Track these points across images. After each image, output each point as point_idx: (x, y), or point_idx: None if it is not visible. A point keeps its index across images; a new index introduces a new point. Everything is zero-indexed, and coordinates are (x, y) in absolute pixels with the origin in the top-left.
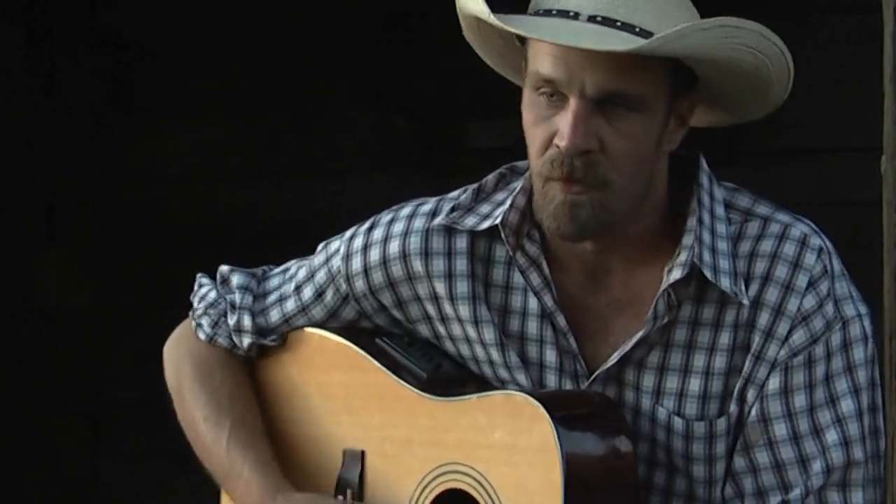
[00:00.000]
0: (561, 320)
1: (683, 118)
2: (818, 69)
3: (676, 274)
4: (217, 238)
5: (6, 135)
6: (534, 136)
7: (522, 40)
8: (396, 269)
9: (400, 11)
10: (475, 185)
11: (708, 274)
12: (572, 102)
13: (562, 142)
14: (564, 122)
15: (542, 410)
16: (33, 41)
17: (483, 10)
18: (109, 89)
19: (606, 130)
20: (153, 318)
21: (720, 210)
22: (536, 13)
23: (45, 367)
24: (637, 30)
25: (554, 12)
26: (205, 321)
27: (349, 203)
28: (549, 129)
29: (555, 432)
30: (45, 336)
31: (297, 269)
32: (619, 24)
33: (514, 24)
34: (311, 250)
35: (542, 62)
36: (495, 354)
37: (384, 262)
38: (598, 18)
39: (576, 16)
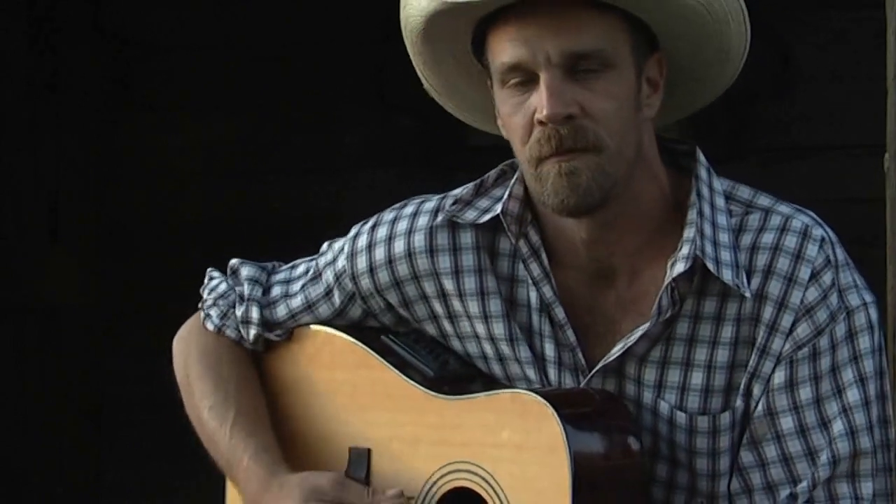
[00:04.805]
0: (559, 313)
1: (654, 83)
2: (824, 66)
3: (680, 267)
4: (221, 236)
5: (10, 134)
6: (514, 126)
7: (480, 54)
8: (403, 268)
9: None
10: (476, 181)
11: (710, 266)
12: (543, 76)
13: (542, 113)
14: (540, 97)
15: (550, 409)
16: (37, 40)
17: None
18: (113, 88)
19: (583, 94)
20: (157, 317)
21: (720, 201)
22: None
23: (47, 366)
24: None
25: None
26: (213, 312)
27: (352, 201)
28: (527, 113)
29: (563, 431)
30: (47, 335)
31: (305, 267)
32: None
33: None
34: (315, 248)
35: (503, 53)
36: (505, 349)
37: (390, 261)
38: None
39: None
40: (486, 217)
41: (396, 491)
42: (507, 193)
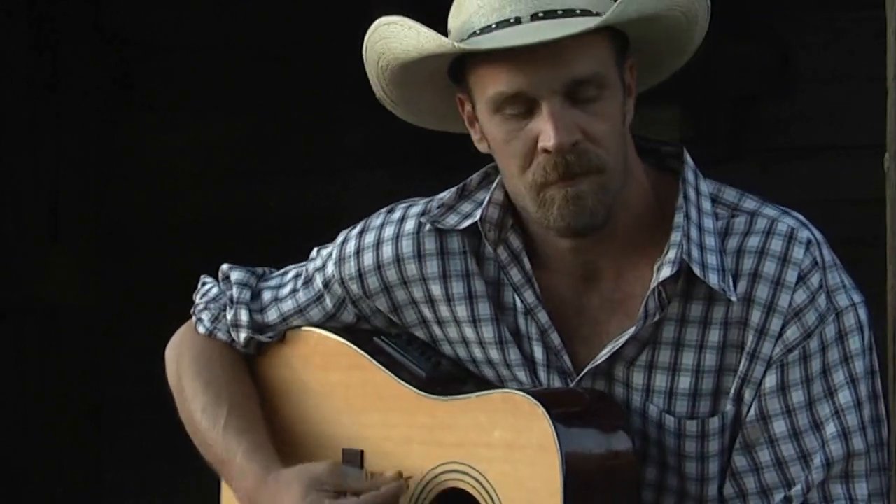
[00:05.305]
0: (542, 317)
1: (629, 88)
2: (824, 66)
3: (666, 271)
4: (221, 236)
5: (10, 134)
6: (511, 153)
7: (457, 78)
8: (391, 274)
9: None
10: (460, 185)
11: (696, 270)
12: (545, 104)
13: (548, 143)
14: (543, 125)
15: (541, 409)
16: (37, 40)
17: (445, 42)
18: (113, 88)
19: (583, 118)
20: (156, 317)
21: (707, 205)
22: (472, 35)
23: (47, 366)
24: (578, 11)
25: (493, 26)
26: (205, 315)
27: (352, 201)
28: (526, 140)
29: (553, 430)
30: (47, 335)
31: (296, 272)
32: (559, 12)
33: (471, 46)
34: (314, 247)
35: (499, 82)
36: (494, 353)
37: (378, 267)
38: (540, 14)
39: (517, 20)
40: (467, 222)
41: (394, 473)
42: (487, 199)
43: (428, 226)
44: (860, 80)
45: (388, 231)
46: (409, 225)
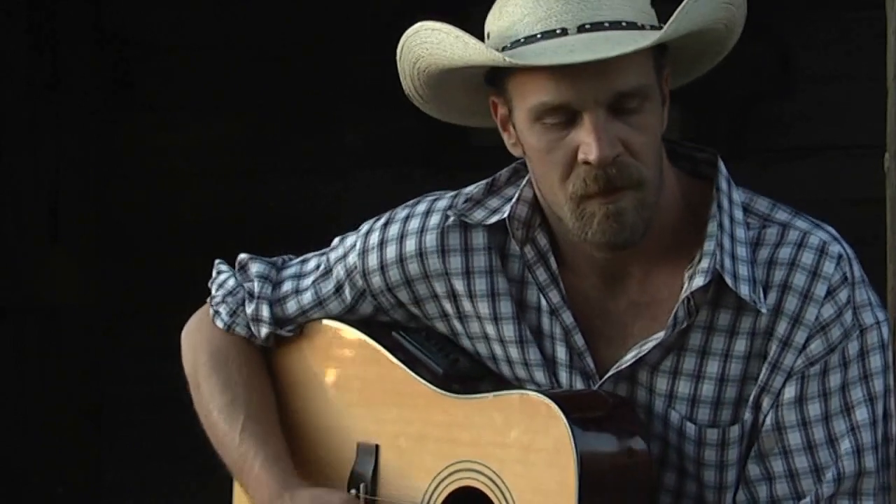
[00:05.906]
0: (567, 318)
1: (665, 97)
2: (824, 66)
3: (699, 281)
4: (221, 236)
5: (10, 134)
6: (551, 163)
7: (494, 82)
8: (413, 267)
9: (403, 9)
10: (488, 179)
11: (728, 281)
12: (588, 116)
13: (591, 156)
14: (585, 137)
15: (558, 411)
16: (37, 40)
17: (497, 57)
18: (113, 88)
19: (625, 131)
20: (157, 317)
21: (739, 214)
22: (516, 43)
23: (47, 366)
24: (624, 24)
25: (538, 36)
26: (223, 309)
27: (352, 201)
28: (566, 151)
29: (570, 433)
30: (47, 335)
31: (316, 262)
32: (606, 24)
33: (522, 59)
34: (315, 248)
35: (542, 93)
36: (514, 352)
37: (401, 259)
38: (587, 26)
39: (564, 32)
40: (495, 218)
41: None
42: (516, 196)
43: (453, 220)
44: (860, 80)
45: (413, 224)
46: (434, 219)
